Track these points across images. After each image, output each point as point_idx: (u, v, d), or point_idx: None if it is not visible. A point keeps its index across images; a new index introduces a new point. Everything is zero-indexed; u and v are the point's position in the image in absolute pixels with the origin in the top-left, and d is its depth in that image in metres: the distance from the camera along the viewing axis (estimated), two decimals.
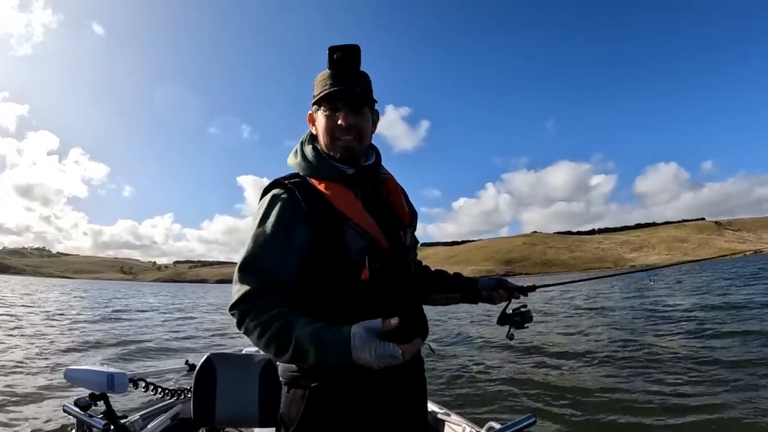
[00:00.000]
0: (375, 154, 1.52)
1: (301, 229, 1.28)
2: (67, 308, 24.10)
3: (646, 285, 24.54)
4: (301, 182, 1.37)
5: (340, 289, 1.29)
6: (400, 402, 1.35)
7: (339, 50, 1.34)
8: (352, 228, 1.31)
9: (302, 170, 1.42)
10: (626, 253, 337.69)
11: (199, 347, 11.23)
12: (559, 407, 5.60)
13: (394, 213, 1.48)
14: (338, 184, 1.37)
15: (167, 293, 58.95)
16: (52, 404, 5.72)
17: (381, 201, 1.46)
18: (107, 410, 2.32)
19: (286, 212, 1.30)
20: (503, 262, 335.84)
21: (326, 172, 1.39)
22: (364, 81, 1.41)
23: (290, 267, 1.27)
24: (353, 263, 1.29)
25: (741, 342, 8.52)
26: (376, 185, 1.48)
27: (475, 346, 10.16)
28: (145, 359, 9.65)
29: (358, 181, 1.41)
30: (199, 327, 16.57)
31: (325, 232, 1.29)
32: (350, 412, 1.27)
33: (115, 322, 17.76)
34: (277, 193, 1.35)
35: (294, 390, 1.32)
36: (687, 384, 6.19)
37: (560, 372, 7.34)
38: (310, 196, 1.33)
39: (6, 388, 6.57)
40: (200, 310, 26.03)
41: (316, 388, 1.27)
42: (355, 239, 1.31)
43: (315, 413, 1.27)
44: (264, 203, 1.34)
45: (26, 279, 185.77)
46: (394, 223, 1.44)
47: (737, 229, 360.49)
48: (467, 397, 6.32)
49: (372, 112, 1.46)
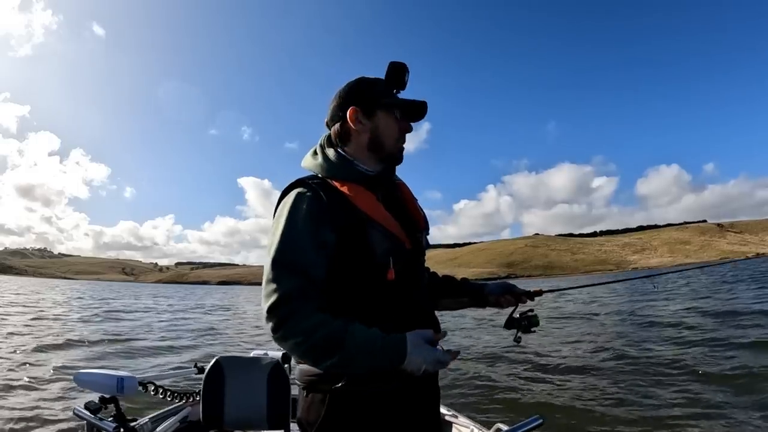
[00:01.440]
0: None
1: (328, 228, 1.29)
2: (73, 308, 24.16)
3: (650, 288, 24.43)
4: (323, 183, 1.39)
5: (366, 289, 1.31)
6: (417, 406, 1.36)
7: (401, 68, 1.45)
8: (375, 229, 1.33)
9: (322, 171, 1.44)
10: (628, 256, 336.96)
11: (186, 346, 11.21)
12: (565, 409, 5.63)
13: (411, 216, 1.51)
14: (359, 186, 1.39)
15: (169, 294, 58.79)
16: (62, 407, 5.72)
17: (400, 204, 1.50)
18: (117, 413, 2.33)
19: (313, 211, 1.30)
20: (505, 265, 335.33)
21: (348, 174, 1.41)
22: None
23: (323, 266, 1.27)
24: (378, 264, 1.31)
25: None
26: (392, 189, 1.52)
27: (481, 348, 10.16)
28: (152, 361, 9.65)
29: (378, 184, 1.44)
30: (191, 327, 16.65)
31: (349, 232, 1.30)
32: (370, 416, 1.28)
33: (117, 321, 17.81)
34: (302, 191, 1.35)
35: (313, 394, 1.32)
36: (696, 394, 6.12)
37: (566, 375, 7.34)
38: (334, 196, 1.34)
39: (15, 391, 6.57)
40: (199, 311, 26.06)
41: (336, 391, 1.28)
42: (380, 240, 1.32)
43: (335, 417, 1.28)
44: (289, 201, 1.34)
45: (28, 280, 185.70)
46: (413, 226, 1.48)
47: (739, 231, 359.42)
48: (474, 398, 6.34)
49: None
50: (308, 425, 1.32)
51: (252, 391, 2.44)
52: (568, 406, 5.72)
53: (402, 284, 1.34)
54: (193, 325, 17.60)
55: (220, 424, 2.42)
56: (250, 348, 2.93)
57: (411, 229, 1.45)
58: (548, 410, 5.59)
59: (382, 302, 1.31)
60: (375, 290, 1.31)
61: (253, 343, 11.27)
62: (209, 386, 2.46)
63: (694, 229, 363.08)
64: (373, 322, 1.24)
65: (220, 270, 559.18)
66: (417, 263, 1.47)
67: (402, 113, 1.47)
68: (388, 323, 1.27)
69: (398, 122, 1.46)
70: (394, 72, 1.43)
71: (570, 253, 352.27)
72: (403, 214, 1.47)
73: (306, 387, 1.35)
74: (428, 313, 1.48)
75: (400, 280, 1.33)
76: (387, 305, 1.31)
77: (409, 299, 1.37)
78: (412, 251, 1.40)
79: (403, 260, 1.35)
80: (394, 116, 1.46)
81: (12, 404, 5.91)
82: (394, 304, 1.32)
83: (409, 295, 1.37)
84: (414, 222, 1.50)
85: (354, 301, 1.30)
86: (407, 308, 1.35)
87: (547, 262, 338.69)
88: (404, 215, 1.47)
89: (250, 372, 2.48)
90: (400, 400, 1.30)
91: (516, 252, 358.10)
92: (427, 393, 1.41)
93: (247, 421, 2.43)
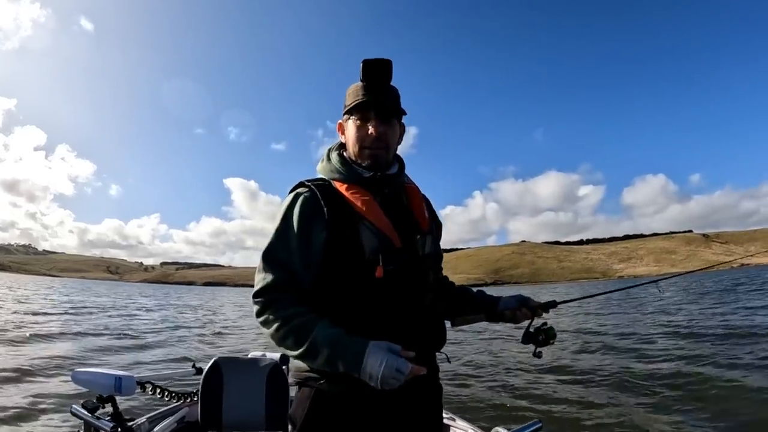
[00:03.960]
0: (399, 164, 1.59)
1: (320, 227, 1.35)
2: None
3: (652, 294, 24.50)
4: (324, 184, 1.45)
5: (354, 286, 1.34)
6: (411, 407, 1.36)
7: (372, 63, 1.41)
8: (367, 227, 1.36)
9: (327, 174, 1.51)
10: (614, 264, 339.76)
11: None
12: (565, 414, 5.66)
13: (412, 218, 1.51)
14: (358, 186, 1.44)
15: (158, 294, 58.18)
16: (59, 406, 5.66)
17: (399, 205, 1.51)
18: (114, 412, 2.32)
19: (307, 210, 1.37)
20: (492, 271, 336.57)
21: (348, 175, 1.46)
22: (394, 93, 1.48)
23: (310, 262, 1.35)
24: (367, 261, 1.33)
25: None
26: (395, 192, 1.53)
27: (480, 352, 10.17)
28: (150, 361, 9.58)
29: (376, 185, 1.47)
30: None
31: (342, 230, 1.35)
32: (355, 414, 1.30)
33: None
34: (301, 191, 1.42)
35: (302, 389, 1.37)
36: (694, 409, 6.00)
37: (567, 381, 7.36)
38: (332, 196, 1.40)
39: (12, 389, 6.50)
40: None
41: (321, 387, 1.31)
42: (370, 238, 1.36)
43: (319, 413, 1.31)
44: (287, 200, 1.43)
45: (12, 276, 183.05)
46: (410, 227, 1.48)
47: (725, 241, 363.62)
48: (473, 401, 6.36)
49: (400, 124, 1.53)
50: (296, 420, 1.35)
51: (250, 393, 2.44)
52: (567, 412, 5.73)
53: (393, 284, 1.35)
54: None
55: (218, 424, 2.41)
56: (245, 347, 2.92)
57: (408, 230, 1.45)
58: (547, 415, 5.62)
59: (369, 299, 1.33)
60: (363, 287, 1.33)
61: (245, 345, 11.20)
62: (207, 387, 2.45)
63: (680, 239, 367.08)
64: (360, 318, 1.31)
65: (205, 271, 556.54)
66: (417, 265, 1.44)
67: (359, 116, 1.46)
68: (375, 321, 1.31)
69: (357, 126, 1.47)
70: (362, 70, 1.43)
71: (557, 260, 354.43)
72: (402, 215, 1.48)
73: (299, 383, 1.39)
74: (429, 317, 1.45)
75: (391, 278, 1.34)
76: (375, 302, 1.33)
77: (402, 299, 1.37)
78: (404, 251, 1.40)
79: (394, 259, 1.36)
80: (355, 121, 1.47)
81: (7, 403, 5.83)
82: (382, 301, 1.33)
83: (402, 295, 1.37)
84: (414, 223, 1.50)
85: (343, 296, 1.34)
86: (397, 307, 1.36)
87: (534, 269, 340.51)
88: (404, 216, 1.48)
89: (249, 373, 2.47)
90: (388, 400, 1.30)
91: (503, 258, 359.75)
92: (422, 394, 1.41)
93: (246, 422, 2.42)
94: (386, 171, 1.51)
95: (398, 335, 1.27)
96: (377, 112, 1.44)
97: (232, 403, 2.43)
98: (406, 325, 1.35)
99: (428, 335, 1.43)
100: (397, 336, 1.26)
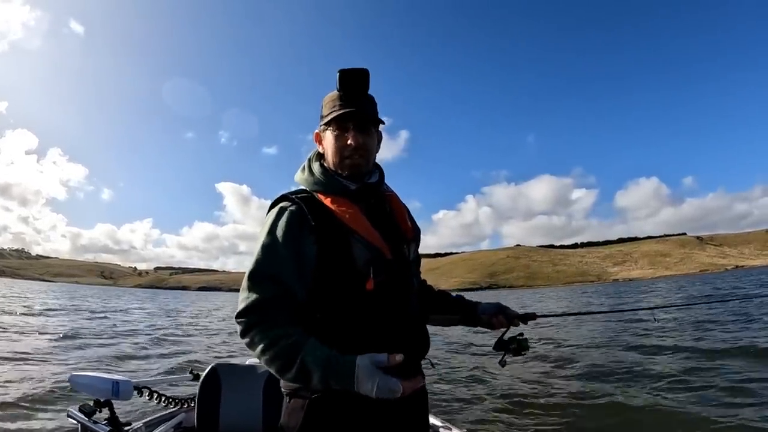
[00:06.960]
0: (379, 172, 1.58)
1: (309, 241, 1.33)
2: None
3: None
4: (308, 197, 1.43)
5: (345, 300, 1.33)
6: (401, 415, 1.37)
7: (349, 73, 1.42)
8: (358, 240, 1.35)
9: (309, 185, 1.48)
10: (609, 267, 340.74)
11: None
12: (557, 424, 5.65)
13: (398, 228, 1.52)
14: (344, 199, 1.42)
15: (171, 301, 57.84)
16: (56, 410, 5.62)
17: (385, 216, 1.51)
18: (111, 417, 2.33)
19: (294, 224, 1.34)
20: (487, 275, 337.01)
21: (332, 187, 1.45)
22: (371, 103, 1.49)
23: (299, 278, 1.31)
24: (358, 274, 1.33)
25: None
26: (379, 201, 1.53)
27: (475, 359, 10.14)
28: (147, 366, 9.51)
29: (362, 196, 1.47)
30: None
31: (332, 244, 1.34)
32: (349, 424, 1.30)
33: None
34: (285, 205, 1.40)
35: (294, 400, 1.34)
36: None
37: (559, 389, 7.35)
38: (317, 210, 1.38)
39: (8, 391, 6.43)
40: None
41: (315, 398, 1.29)
42: (361, 251, 1.35)
43: (314, 424, 1.30)
44: (272, 215, 1.39)
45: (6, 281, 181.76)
46: (397, 237, 1.49)
47: (719, 244, 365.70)
48: (467, 410, 6.32)
49: (377, 132, 1.53)
50: (287, 431, 1.34)
51: (248, 399, 2.45)
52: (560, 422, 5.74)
53: (383, 295, 1.35)
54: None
55: (215, 430, 2.42)
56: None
57: (395, 240, 1.46)
58: (545, 423, 5.63)
59: (361, 312, 1.32)
60: (354, 300, 1.32)
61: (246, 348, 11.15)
62: (204, 393, 2.47)
63: (674, 242, 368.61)
64: (352, 332, 1.29)
65: (199, 275, 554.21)
66: (403, 274, 1.46)
67: (337, 126, 1.45)
68: (366, 333, 1.30)
69: (335, 137, 1.46)
70: (339, 80, 1.43)
71: (551, 264, 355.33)
72: (388, 225, 1.48)
73: (288, 393, 1.37)
74: (415, 324, 1.47)
75: (381, 290, 1.34)
76: (366, 315, 1.32)
77: (391, 310, 1.37)
78: (394, 262, 1.41)
79: (384, 271, 1.37)
80: (333, 132, 1.46)
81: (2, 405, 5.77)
82: (373, 314, 1.33)
83: (391, 305, 1.37)
84: (400, 233, 1.52)
85: (334, 311, 1.32)
86: (388, 319, 1.36)
87: (529, 273, 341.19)
88: (390, 226, 1.49)
89: (246, 380, 2.49)
90: (379, 409, 1.29)
91: (498, 263, 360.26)
92: (410, 402, 1.40)
93: (242, 428, 2.43)
94: (367, 180, 1.51)
95: (387, 344, 1.24)
96: (355, 122, 1.44)
97: (229, 409, 2.45)
98: (394, 334, 1.35)
99: (414, 342, 1.44)
100: (385, 345, 1.23)
